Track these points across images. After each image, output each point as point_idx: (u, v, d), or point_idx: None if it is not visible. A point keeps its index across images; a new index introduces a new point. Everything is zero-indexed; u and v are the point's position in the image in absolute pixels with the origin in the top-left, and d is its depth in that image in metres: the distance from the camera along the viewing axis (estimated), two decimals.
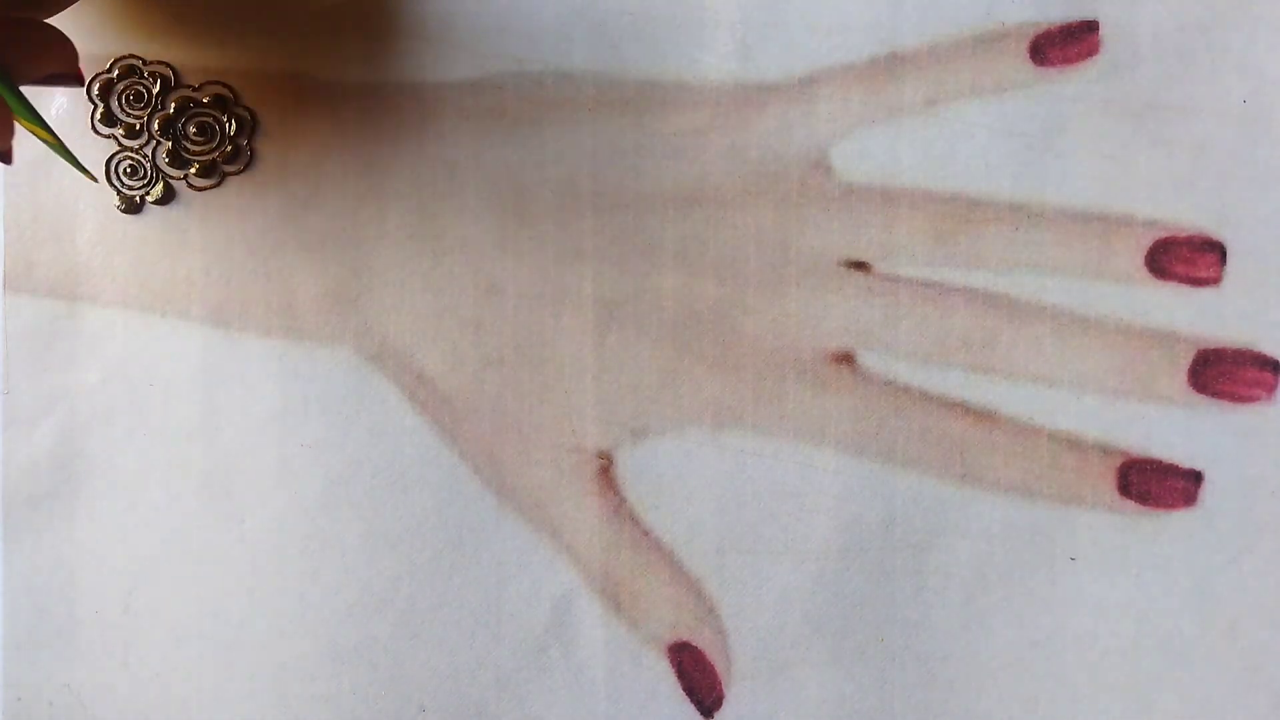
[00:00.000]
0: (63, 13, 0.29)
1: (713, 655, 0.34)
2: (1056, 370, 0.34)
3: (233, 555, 0.34)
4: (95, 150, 0.34)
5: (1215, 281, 0.34)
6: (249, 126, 0.34)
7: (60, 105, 0.34)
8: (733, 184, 0.34)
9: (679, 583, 0.34)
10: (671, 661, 0.34)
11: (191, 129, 0.34)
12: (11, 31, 0.27)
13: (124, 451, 0.34)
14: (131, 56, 0.34)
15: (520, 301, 0.34)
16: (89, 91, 0.34)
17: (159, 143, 0.34)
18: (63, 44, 0.28)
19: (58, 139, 0.29)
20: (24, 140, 0.34)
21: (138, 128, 0.34)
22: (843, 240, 0.34)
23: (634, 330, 0.34)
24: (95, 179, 0.31)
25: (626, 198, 0.34)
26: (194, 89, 0.34)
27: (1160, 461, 0.34)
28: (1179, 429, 0.34)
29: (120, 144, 0.34)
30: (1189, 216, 0.34)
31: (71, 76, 0.29)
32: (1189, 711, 0.34)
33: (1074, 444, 0.34)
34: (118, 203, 0.34)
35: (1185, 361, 0.34)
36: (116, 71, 0.34)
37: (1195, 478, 0.34)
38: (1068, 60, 0.34)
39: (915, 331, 0.34)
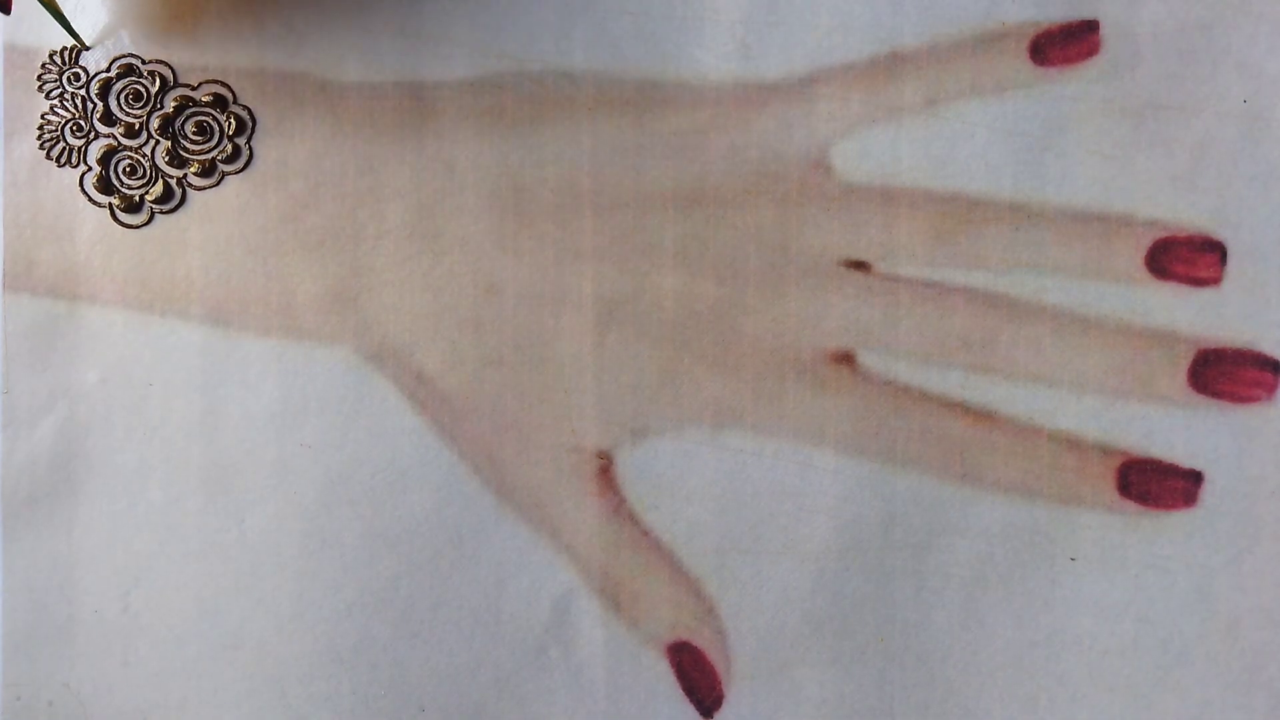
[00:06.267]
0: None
1: (713, 655, 0.34)
2: (1056, 370, 0.34)
3: (232, 555, 0.34)
4: (93, 148, 0.34)
5: (1215, 281, 0.34)
6: (248, 126, 0.34)
7: None
8: (733, 184, 0.34)
9: (679, 583, 0.34)
10: (671, 661, 0.34)
11: (190, 128, 0.34)
12: None
13: (123, 451, 0.34)
14: (130, 55, 0.34)
15: (520, 301, 0.34)
16: (88, 90, 0.34)
17: (158, 142, 0.34)
18: None
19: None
20: (23, 138, 0.34)
21: (137, 127, 0.34)
22: (843, 240, 0.34)
23: (634, 330, 0.34)
24: (86, 45, 0.31)
25: (626, 198, 0.34)
26: (192, 88, 0.34)
27: (1160, 461, 0.34)
28: (1179, 429, 0.34)
29: (119, 143, 0.34)
30: (1189, 216, 0.34)
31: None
32: (1189, 711, 0.34)
33: (1074, 444, 0.34)
34: (117, 202, 0.34)
35: (1185, 361, 0.34)
36: (115, 70, 0.34)
37: (1195, 478, 0.34)
38: (1068, 60, 0.34)
39: (915, 331, 0.34)
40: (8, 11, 0.29)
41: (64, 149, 0.34)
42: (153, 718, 0.34)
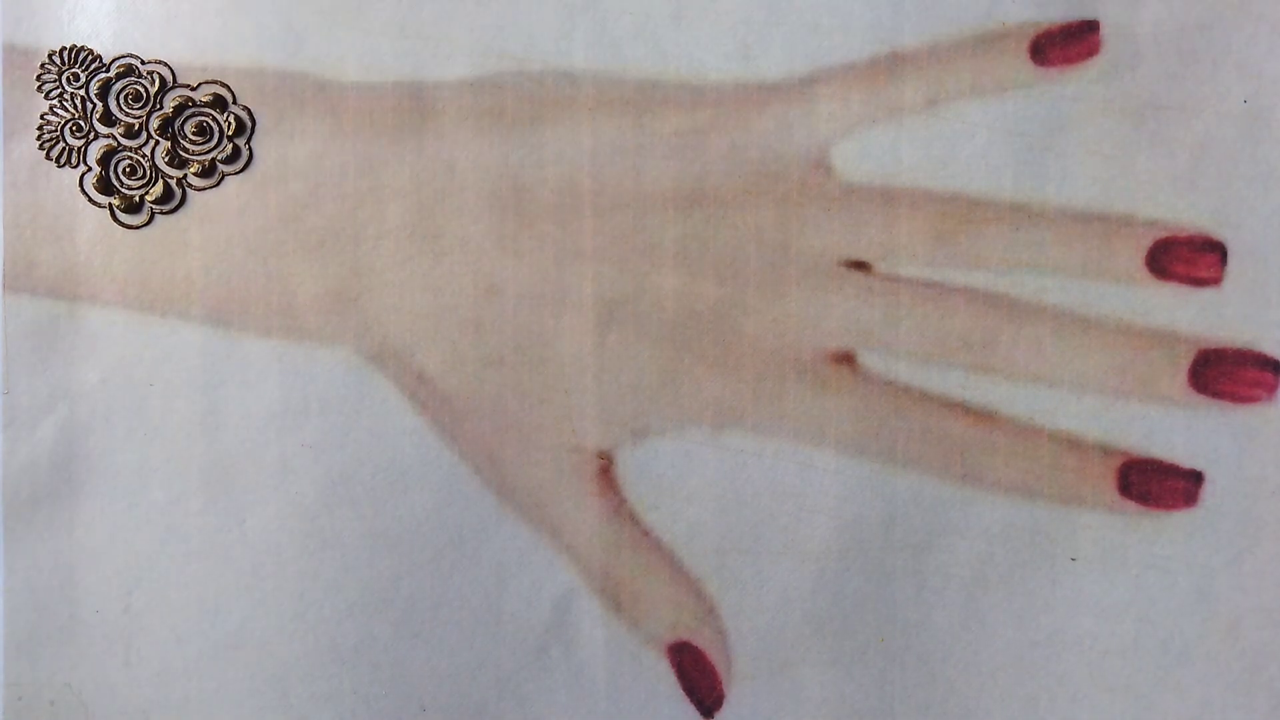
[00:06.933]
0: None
1: (713, 655, 0.34)
2: (1056, 370, 0.34)
3: (233, 555, 0.34)
4: (93, 149, 0.34)
5: (1216, 282, 0.34)
6: (247, 126, 0.34)
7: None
8: (733, 184, 0.34)
9: (679, 583, 0.34)
10: (671, 661, 0.34)
11: (190, 129, 0.34)
12: None
13: (124, 451, 0.34)
14: (129, 56, 0.34)
15: (520, 301, 0.34)
16: (88, 90, 0.34)
17: (158, 142, 0.34)
18: None
19: None
20: (23, 138, 0.34)
21: (136, 127, 0.34)
22: (843, 240, 0.34)
23: (634, 330, 0.34)
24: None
25: (626, 198, 0.34)
26: (192, 89, 0.34)
27: (1161, 462, 0.34)
28: (1179, 429, 0.34)
29: (119, 143, 0.34)
30: (1189, 216, 0.34)
31: None
32: (1189, 711, 0.34)
33: (1074, 444, 0.34)
34: (117, 202, 0.34)
35: (1186, 361, 0.34)
36: (114, 71, 0.34)
37: (1196, 478, 0.34)
38: (1068, 60, 0.34)
39: (915, 331, 0.34)
40: None
41: (64, 149, 0.34)
42: (154, 717, 0.34)
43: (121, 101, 0.34)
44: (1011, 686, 0.34)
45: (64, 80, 0.34)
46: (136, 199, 0.34)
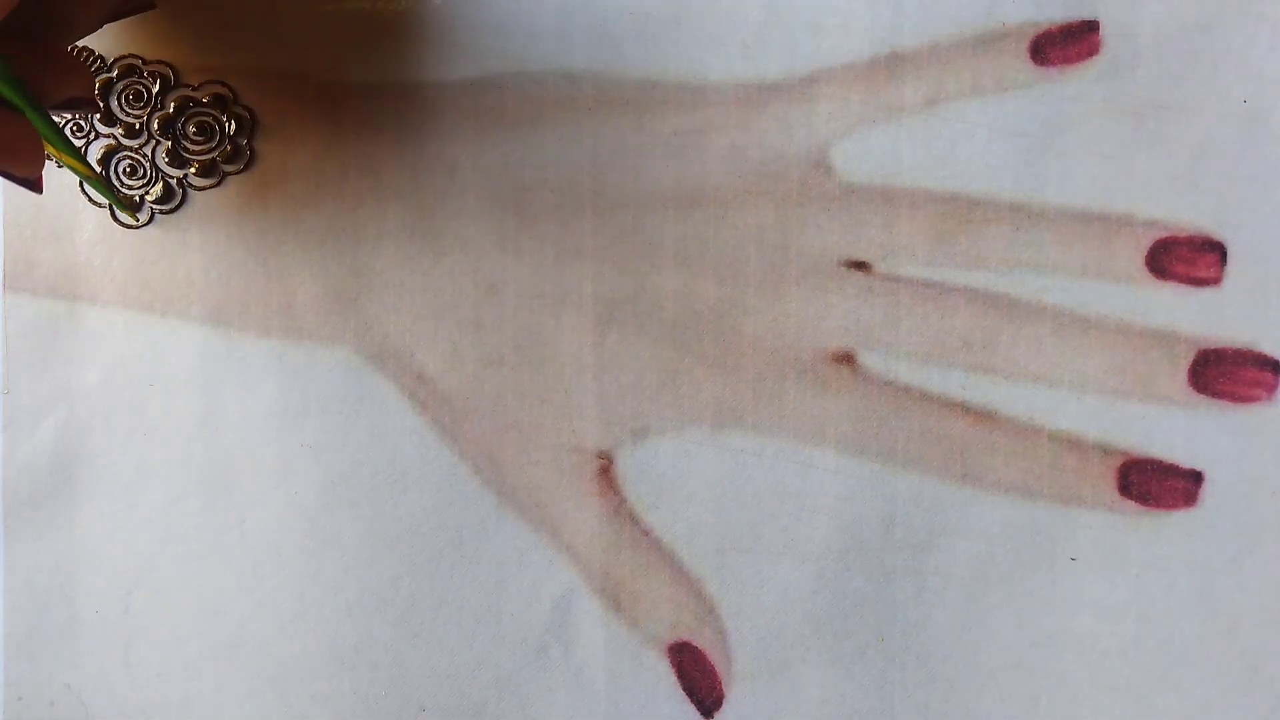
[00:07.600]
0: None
1: (713, 655, 0.34)
2: (1056, 370, 0.34)
3: (233, 555, 0.34)
4: (94, 149, 0.34)
5: (1215, 281, 0.34)
6: (248, 126, 0.34)
7: None
8: (733, 184, 0.34)
9: (679, 583, 0.34)
10: (671, 661, 0.34)
11: (191, 128, 0.34)
12: (36, 56, 0.27)
13: (124, 451, 0.34)
14: (131, 56, 0.34)
15: (520, 301, 0.34)
16: None
17: (159, 142, 0.34)
18: (81, 69, 0.28)
19: (91, 169, 0.29)
20: None
21: (137, 127, 0.34)
22: (843, 240, 0.34)
23: (634, 330, 0.34)
24: (137, 221, 0.32)
25: (626, 198, 0.34)
26: (193, 88, 0.34)
27: (1160, 461, 0.34)
28: (1179, 429, 0.34)
29: (120, 143, 0.34)
30: (1189, 216, 0.34)
31: (88, 102, 0.28)
32: (1189, 711, 0.34)
33: (1074, 444, 0.34)
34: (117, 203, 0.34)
35: (1185, 361, 0.34)
36: (116, 71, 0.34)
37: (1195, 478, 0.34)
38: (1068, 60, 0.34)
39: (915, 331, 0.34)
40: (39, 191, 0.29)
41: None
42: (154, 717, 0.34)
43: (123, 101, 0.34)
44: (1012, 686, 0.34)
45: None
46: (137, 199, 0.34)
